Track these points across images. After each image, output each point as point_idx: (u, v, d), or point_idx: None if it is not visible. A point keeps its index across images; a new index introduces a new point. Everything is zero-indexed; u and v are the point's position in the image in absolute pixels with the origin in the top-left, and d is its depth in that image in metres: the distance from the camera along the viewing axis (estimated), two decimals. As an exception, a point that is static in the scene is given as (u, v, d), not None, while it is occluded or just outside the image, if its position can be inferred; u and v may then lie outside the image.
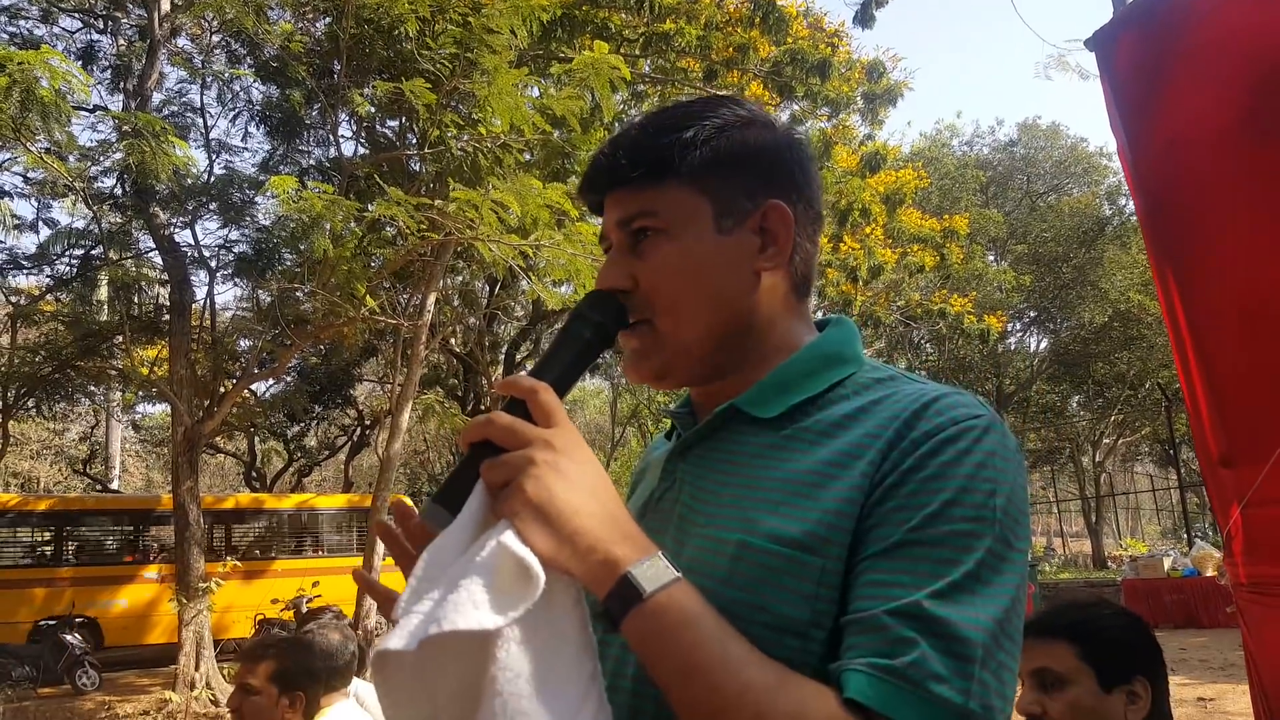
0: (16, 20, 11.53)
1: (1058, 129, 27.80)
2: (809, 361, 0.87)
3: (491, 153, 9.19)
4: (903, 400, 0.79)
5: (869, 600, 0.70)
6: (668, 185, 0.85)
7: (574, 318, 0.84)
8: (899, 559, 0.71)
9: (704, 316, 0.85)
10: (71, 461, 20.96)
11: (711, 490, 0.83)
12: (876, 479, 0.74)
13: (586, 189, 0.91)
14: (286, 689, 2.29)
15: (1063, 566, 28.12)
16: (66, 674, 13.44)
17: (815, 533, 0.74)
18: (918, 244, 15.65)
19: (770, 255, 0.87)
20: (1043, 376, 27.50)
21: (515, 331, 17.65)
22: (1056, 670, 1.44)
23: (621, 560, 0.69)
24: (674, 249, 0.85)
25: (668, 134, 0.86)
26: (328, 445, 20.41)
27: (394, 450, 10.89)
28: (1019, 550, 0.73)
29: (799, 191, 0.89)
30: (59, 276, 12.58)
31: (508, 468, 0.71)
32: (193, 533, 11.20)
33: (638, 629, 0.68)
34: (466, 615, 0.64)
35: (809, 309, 0.93)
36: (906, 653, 0.66)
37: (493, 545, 0.68)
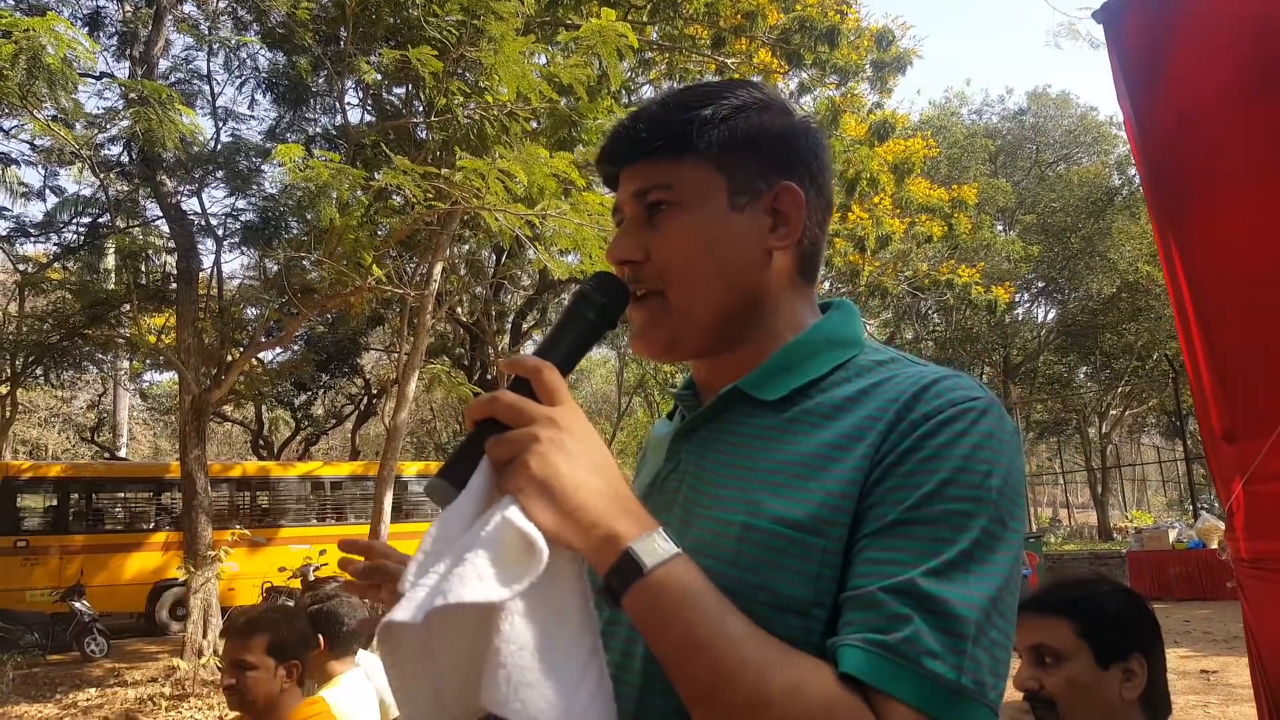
0: (22, -14, 11.45)
1: (1067, 98, 27.53)
2: (812, 344, 0.88)
3: (498, 121, 9.13)
4: (902, 383, 0.80)
5: (866, 577, 0.72)
6: (685, 160, 0.87)
7: (578, 297, 0.85)
8: (896, 537, 0.72)
9: (715, 289, 0.87)
10: (79, 429, 21.10)
11: (716, 472, 0.85)
12: (876, 459, 0.76)
13: (605, 160, 0.93)
14: (283, 659, 2.31)
15: (1068, 538, 28.25)
16: (75, 641, 13.63)
17: (818, 514, 0.75)
18: (926, 214, 15.55)
19: (781, 235, 0.88)
20: (1050, 347, 27.45)
21: (522, 301, 17.65)
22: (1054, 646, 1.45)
23: (623, 535, 0.70)
24: (688, 221, 0.86)
25: (688, 111, 0.87)
26: (334, 414, 20.51)
27: (400, 419, 10.93)
28: (1014, 530, 0.74)
29: (812, 177, 0.91)
30: (66, 244, 12.62)
31: (512, 444, 0.72)
32: (200, 501, 11.29)
33: (638, 603, 0.70)
34: (472, 588, 0.66)
35: (814, 293, 0.94)
36: (901, 628, 0.68)
37: (498, 520, 0.69)
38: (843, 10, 12.47)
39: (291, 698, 2.34)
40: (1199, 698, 7.16)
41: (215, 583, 11.21)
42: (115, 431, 21.31)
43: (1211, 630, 10.35)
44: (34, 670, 12.24)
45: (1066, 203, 24.81)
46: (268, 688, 2.26)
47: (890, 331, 26.03)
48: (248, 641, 2.29)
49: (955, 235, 16.20)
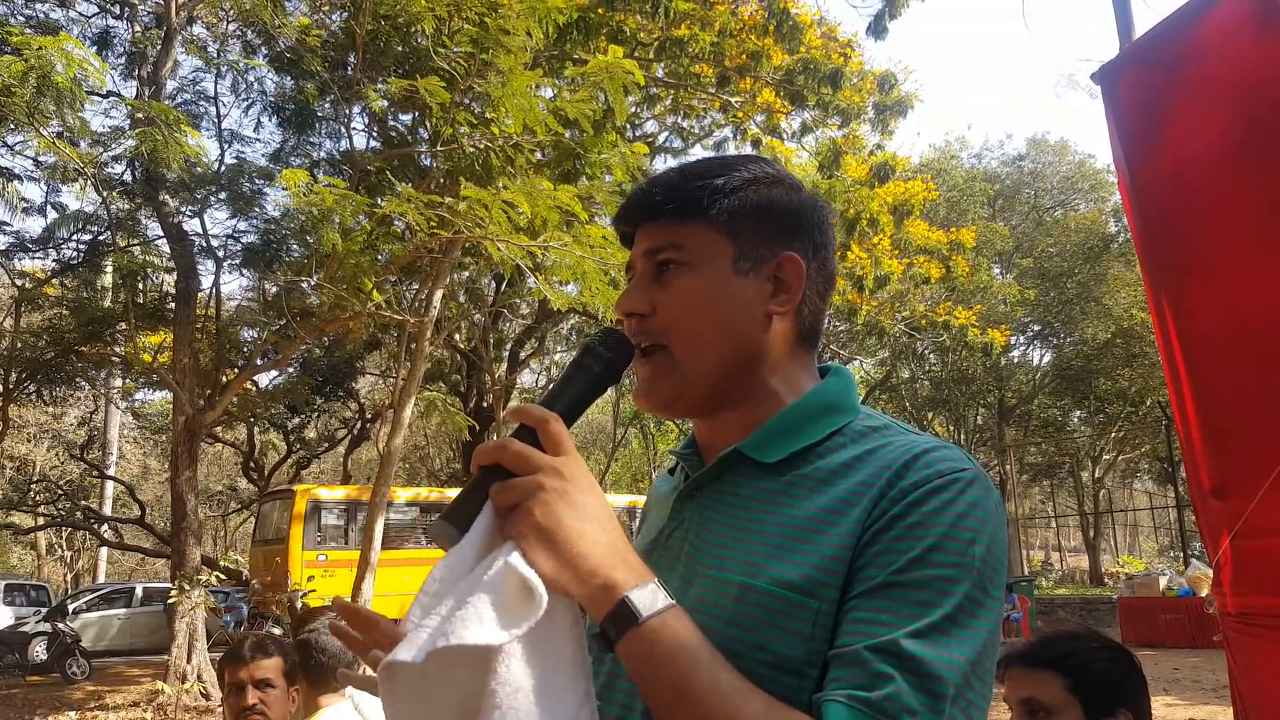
0: (34, 3, 11.58)
1: (1066, 145, 27.86)
2: (810, 409, 0.91)
3: (503, 152, 9.21)
4: (895, 451, 0.84)
5: (852, 636, 0.75)
6: (695, 224, 0.91)
7: (585, 351, 0.89)
8: (882, 599, 0.75)
9: (716, 346, 0.90)
10: (69, 446, 20.96)
11: (717, 532, 0.88)
12: (867, 524, 0.79)
13: (621, 220, 0.98)
14: (291, 683, 2.34)
15: (1059, 582, 28.11)
16: (56, 663, 13.41)
17: (814, 576, 0.78)
18: (924, 255, 15.64)
19: (781, 301, 0.92)
20: (1045, 391, 27.50)
21: (520, 329, 17.66)
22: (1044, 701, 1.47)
23: (620, 584, 0.73)
24: (695, 280, 0.91)
25: (702, 179, 0.92)
26: (327, 437, 20.38)
27: (395, 445, 10.91)
28: (994, 598, 0.78)
29: (815, 251, 0.95)
30: (65, 261, 12.62)
31: (517, 491, 0.75)
32: (189, 523, 11.21)
33: (632, 651, 0.72)
34: (473, 630, 0.68)
35: (814, 360, 0.98)
36: (883, 686, 0.71)
37: (500, 565, 0.72)
38: (846, 53, 12.66)
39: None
40: (1188, 749, 7.10)
41: (202, 607, 11.07)
42: (105, 450, 21.16)
43: (1200, 679, 10.28)
44: (13, 691, 12.07)
45: (1063, 248, 25.00)
46: (284, 709, 2.29)
47: (887, 371, 26.07)
48: (265, 661, 2.31)
49: (953, 277, 16.28)
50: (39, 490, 19.07)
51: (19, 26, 9.99)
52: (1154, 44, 2.03)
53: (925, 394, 27.34)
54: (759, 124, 13.54)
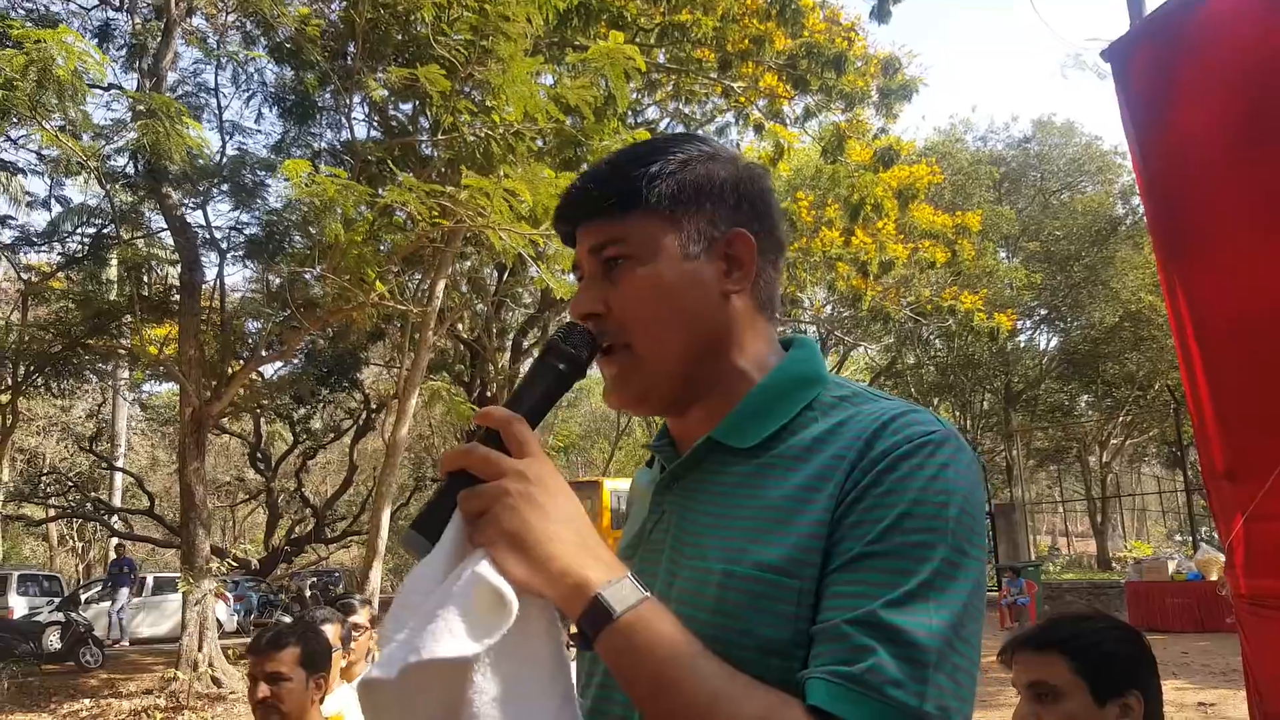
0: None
1: (1072, 126, 27.60)
2: (779, 385, 0.91)
3: (504, 140, 9.17)
4: (864, 420, 0.83)
5: (832, 611, 0.75)
6: (635, 215, 0.89)
7: (547, 350, 0.88)
8: (858, 571, 0.75)
9: (676, 335, 0.89)
10: (78, 438, 21.07)
11: (697, 522, 0.87)
12: (840, 497, 0.79)
13: (560, 220, 0.96)
14: (313, 671, 2.34)
15: (1067, 566, 28.11)
16: (70, 651, 13.57)
17: (792, 556, 0.78)
18: (929, 239, 15.57)
19: (736, 279, 0.91)
20: (1052, 375, 27.41)
21: (523, 319, 17.65)
22: (1051, 683, 1.46)
23: (592, 582, 0.73)
24: (644, 274, 0.89)
25: (635, 168, 0.90)
26: (333, 428, 20.44)
27: (400, 435, 10.92)
28: (973, 558, 0.77)
29: (760, 220, 0.94)
30: (70, 254, 12.64)
31: (483, 498, 0.75)
32: (198, 513, 11.26)
33: (610, 647, 0.72)
34: (444, 644, 0.68)
35: (774, 331, 0.97)
36: (863, 659, 0.70)
37: (468, 575, 0.71)
38: (849, 37, 12.56)
39: (315, 713, 2.36)
40: (1198, 732, 7.09)
41: (212, 596, 11.14)
42: (114, 441, 21.28)
43: (1210, 663, 10.26)
44: (29, 679, 12.18)
45: (1070, 231, 24.84)
46: (301, 699, 2.29)
47: (892, 357, 26.00)
48: (279, 654, 2.30)
49: (958, 261, 16.22)
50: (49, 482, 19.20)
51: (20, 20, 9.97)
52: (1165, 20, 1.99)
53: (931, 380, 27.26)
54: (761, 109, 13.46)
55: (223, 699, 10.18)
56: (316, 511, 19.09)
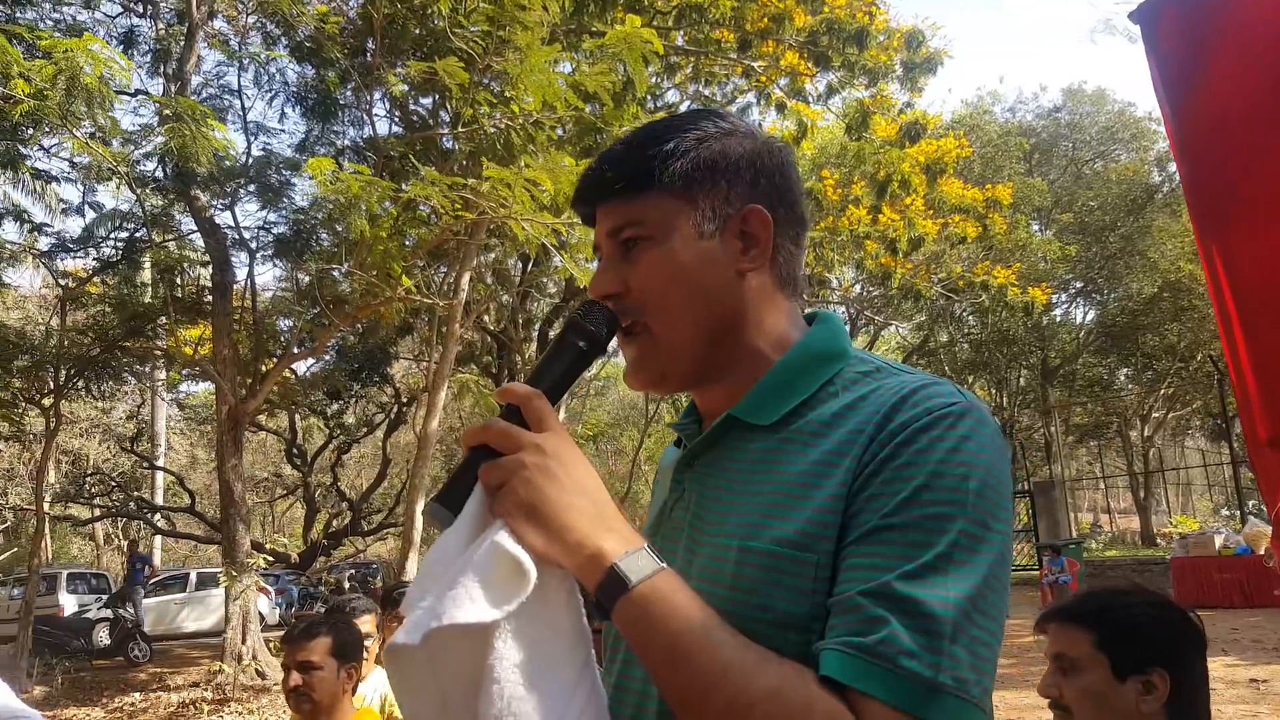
0: (60, 7, 11.70)
1: (1104, 93, 27.00)
2: (800, 361, 0.90)
3: (524, 130, 9.16)
4: (884, 394, 0.83)
5: (847, 584, 0.75)
6: (651, 195, 0.90)
7: (568, 327, 0.89)
8: (874, 543, 0.75)
9: (691, 314, 0.89)
10: (119, 439, 21.50)
11: (716, 498, 0.88)
12: (858, 471, 0.78)
13: (578, 202, 0.97)
14: (344, 661, 2.40)
15: (1110, 544, 27.69)
16: (119, 647, 13.93)
17: (808, 530, 0.78)
18: (959, 214, 15.32)
19: (752, 257, 0.91)
20: (1089, 349, 26.93)
21: (548, 308, 17.66)
22: (1071, 655, 1.46)
23: (608, 553, 0.74)
24: (660, 254, 0.89)
25: (650, 147, 0.90)
26: (366, 422, 20.65)
27: (431, 428, 11.00)
28: (996, 531, 0.76)
29: (779, 196, 0.93)
30: (105, 259, 12.84)
31: (502, 470, 0.77)
32: (238, 509, 11.45)
33: (625, 616, 0.74)
34: (465, 610, 0.71)
35: (797, 307, 0.96)
36: (877, 630, 0.70)
37: (488, 544, 0.74)
38: (871, 11, 12.34)
39: (347, 702, 2.42)
40: (1249, 707, 6.96)
41: (253, 589, 11.32)
42: (154, 441, 21.68)
43: (1261, 638, 10.05)
44: (81, 674, 12.53)
45: (1104, 201, 24.32)
46: (332, 688, 2.36)
47: (924, 335, 25.68)
48: (311, 643, 2.37)
49: (990, 236, 15.95)
50: (93, 483, 19.64)
51: (48, 31, 10.10)
52: (1193, -26, 1.92)
53: (965, 357, 26.88)
54: (783, 88, 13.28)
55: (267, 691, 10.37)
56: (352, 505, 19.33)
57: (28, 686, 11.13)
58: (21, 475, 22.91)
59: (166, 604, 17.24)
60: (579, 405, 23.96)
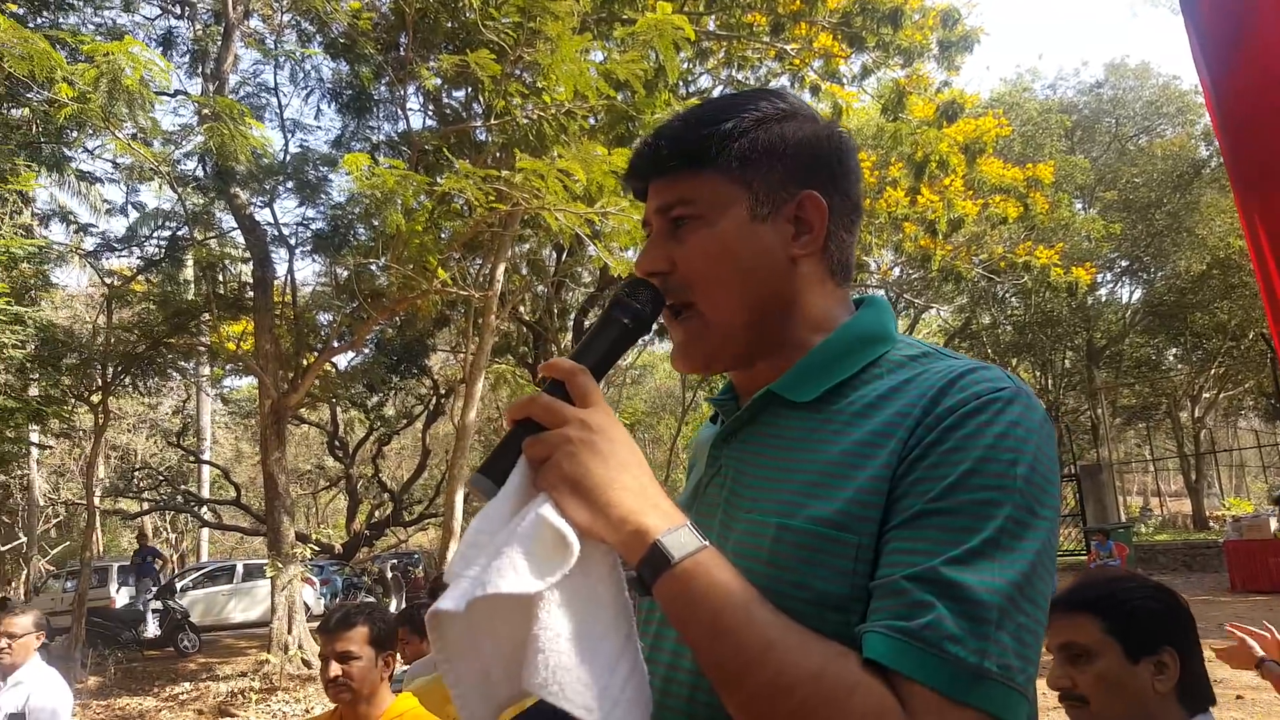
0: (101, 11, 11.91)
1: (1147, 68, 26.26)
2: (843, 343, 0.90)
3: (556, 120, 9.16)
4: (931, 378, 0.82)
5: (891, 567, 0.74)
6: (705, 175, 0.89)
7: (613, 304, 0.89)
8: (919, 528, 0.74)
9: (739, 297, 0.89)
10: (166, 434, 21.96)
11: (753, 475, 0.88)
12: (903, 454, 0.78)
13: (631, 176, 0.97)
14: (380, 650, 2.43)
15: (1160, 527, 27.10)
16: (169, 637, 14.26)
17: (849, 511, 0.78)
18: (1000, 194, 15.03)
19: (804, 243, 0.90)
20: (1136, 329, 26.31)
21: (583, 298, 17.66)
22: (1082, 643, 1.46)
23: (651, 529, 0.74)
24: (710, 234, 0.89)
25: (708, 126, 0.90)
26: (405, 414, 20.84)
27: (469, 419, 11.09)
28: (1043, 518, 0.75)
29: (835, 183, 0.92)
30: (148, 257, 13.09)
31: (546, 445, 0.77)
32: (282, 501, 11.64)
33: (667, 592, 0.74)
34: (509, 580, 0.71)
35: (848, 294, 0.96)
36: (922, 615, 0.70)
37: (533, 516, 0.75)
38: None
39: (385, 690, 2.44)
40: (1304, 697, 6.75)
41: (298, 580, 11.51)
42: (199, 436, 22.12)
43: (1318, 625, 9.75)
44: (133, 665, 12.84)
45: (1150, 177, 23.71)
46: (371, 676, 2.38)
47: (966, 317, 25.29)
48: (349, 633, 2.39)
49: (1031, 215, 15.63)
50: (142, 477, 20.07)
51: (89, 35, 10.30)
52: (1235, -62, 1.84)
53: (1008, 339, 26.42)
54: (817, 70, 13.12)
55: (313, 680, 10.54)
56: (394, 496, 19.54)
57: (82, 677, 11.43)
58: (72, 471, 23.55)
59: (214, 595, 17.49)
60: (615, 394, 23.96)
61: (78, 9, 11.44)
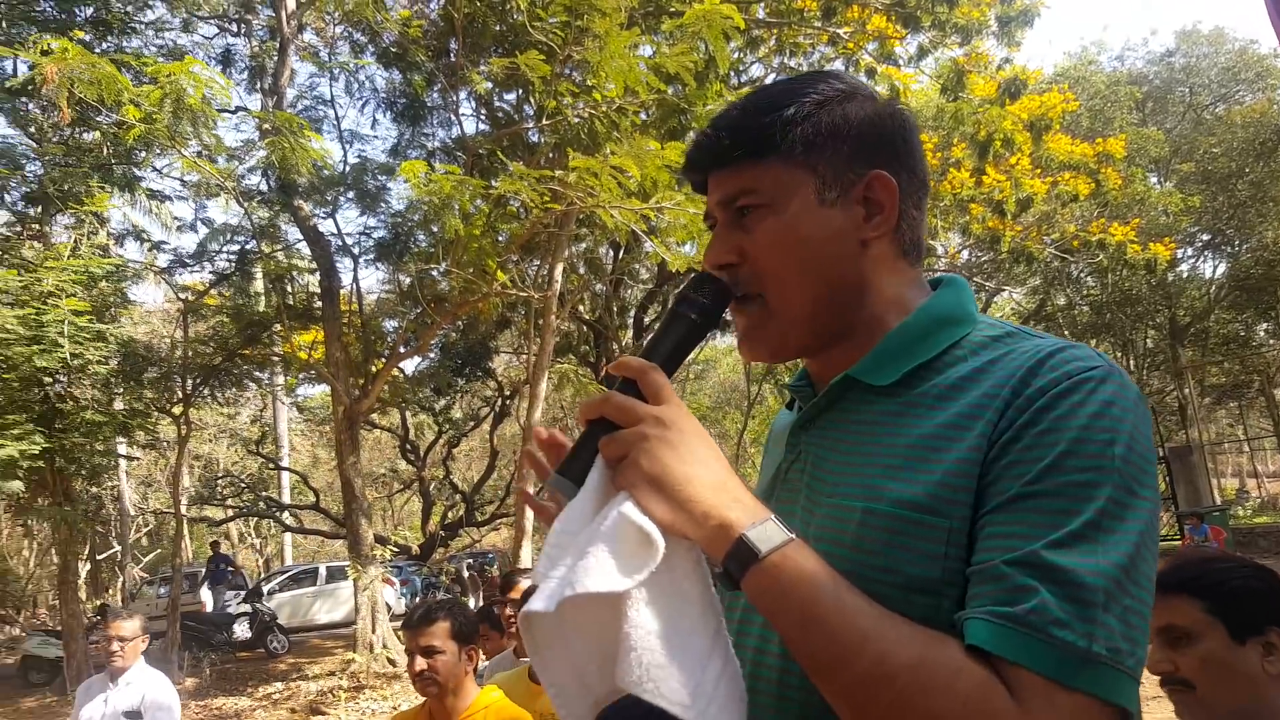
0: (161, 33, 12.31)
1: (1222, 33, 25.05)
2: (921, 325, 0.88)
3: (607, 117, 9.15)
4: (1019, 358, 0.80)
5: (989, 552, 0.73)
6: (769, 162, 0.88)
7: (679, 300, 0.88)
8: (1017, 511, 0.73)
9: (811, 286, 0.88)
10: (245, 443, 22.63)
11: (834, 460, 0.87)
12: (994, 437, 0.76)
13: (690, 169, 0.95)
14: (464, 644, 2.50)
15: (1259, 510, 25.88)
16: (259, 639, 14.71)
17: (938, 494, 0.76)
18: (1069, 171, 14.52)
19: (876, 224, 0.89)
20: (1222, 305, 25.17)
21: (642, 294, 17.64)
22: (1183, 625, 1.40)
23: (735, 524, 0.74)
24: (779, 222, 0.88)
25: (768, 113, 0.88)
26: (472, 416, 21.13)
27: (534, 419, 11.16)
28: (1144, 498, 0.73)
29: (901, 161, 0.91)
30: (219, 272, 13.50)
31: (623, 443, 0.77)
32: (359, 504, 11.91)
33: (756, 586, 0.73)
34: (596, 579, 0.71)
35: (920, 274, 0.94)
36: (1026, 600, 0.69)
37: (615, 515, 0.75)
38: (961, -36, 11.77)
39: (470, 683, 2.51)
40: None
41: (379, 581, 11.74)
42: (277, 443, 22.77)
43: None
44: (226, 666, 13.29)
45: (1229, 146, 22.61)
46: (455, 669, 2.46)
47: (1040, 299, 24.51)
48: (431, 628, 2.47)
49: (1104, 191, 15.06)
50: (225, 485, 20.72)
51: (152, 57, 10.65)
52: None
53: (1085, 320, 25.50)
54: (871, 53, 12.83)
55: (399, 678, 10.79)
56: (465, 497, 19.82)
57: (180, 678, 11.85)
58: (159, 481, 24.49)
59: (299, 598, 17.95)
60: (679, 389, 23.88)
61: (140, 32, 11.85)
